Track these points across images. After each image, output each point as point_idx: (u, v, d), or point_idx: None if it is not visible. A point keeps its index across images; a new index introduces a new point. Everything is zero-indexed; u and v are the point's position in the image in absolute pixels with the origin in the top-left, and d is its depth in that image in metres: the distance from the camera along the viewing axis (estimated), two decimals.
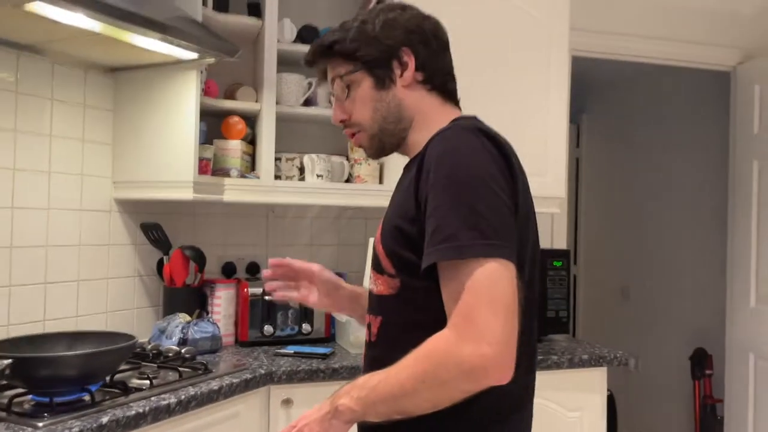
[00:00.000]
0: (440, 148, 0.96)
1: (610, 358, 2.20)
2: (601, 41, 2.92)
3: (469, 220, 0.89)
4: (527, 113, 2.37)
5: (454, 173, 0.93)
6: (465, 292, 0.88)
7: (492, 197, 0.91)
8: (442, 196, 0.92)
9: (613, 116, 4.65)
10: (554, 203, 2.45)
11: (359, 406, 0.95)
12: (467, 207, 0.90)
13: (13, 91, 1.81)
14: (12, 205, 1.81)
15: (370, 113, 1.10)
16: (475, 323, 0.86)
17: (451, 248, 0.89)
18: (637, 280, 4.32)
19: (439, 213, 0.91)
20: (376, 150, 1.15)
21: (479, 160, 0.94)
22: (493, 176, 0.93)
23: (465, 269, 0.88)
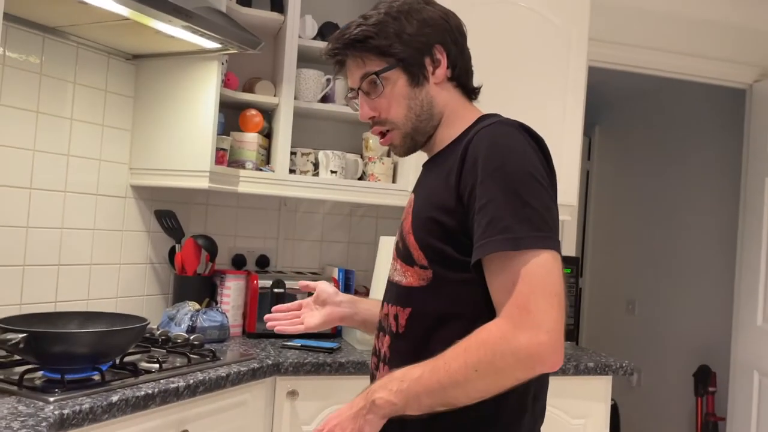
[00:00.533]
0: (488, 142, 0.97)
1: (616, 368, 2.20)
2: (618, 52, 2.93)
3: (522, 212, 0.91)
4: (543, 119, 2.37)
5: (503, 167, 0.94)
6: (520, 282, 0.89)
7: (540, 191, 0.94)
8: (493, 189, 0.93)
9: (625, 130, 4.65)
10: (566, 211, 2.45)
11: (400, 399, 0.94)
12: (519, 200, 0.92)
13: (38, 73, 1.83)
14: (30, 186, 1.83)
15: (404, 111, 1.09)
16: (531, 312, 0.87)
17: (506, 240, 0.90)
18: (644, 294, 4.31)
19: (492, 206, 0.92)
20: (407, 148, 1.15)
21: (526, 155, 0.96)
22: (539, 171, 0.96)
23: (519, 260, 0.90)
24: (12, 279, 1.79)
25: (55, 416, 1.22)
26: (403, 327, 1.06)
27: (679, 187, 4.06)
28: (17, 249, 1.80)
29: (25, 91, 1.80)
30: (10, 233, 1.78)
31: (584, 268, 4.88)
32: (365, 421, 0.97)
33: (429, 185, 1.09)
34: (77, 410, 1.26)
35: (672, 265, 4.06)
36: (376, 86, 1.10)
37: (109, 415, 1.33)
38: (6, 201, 1.76)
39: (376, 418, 0.97)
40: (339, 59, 1.14)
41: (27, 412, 1.23)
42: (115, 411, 1.35)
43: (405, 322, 1.06)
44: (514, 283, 0.89)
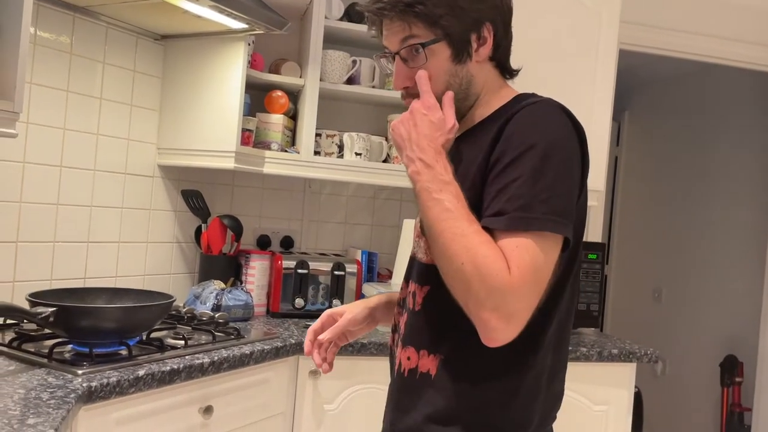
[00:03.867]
0: (528, 120, 0.96)
1: (640, 355, 2.18)
2: (650, 35, 2.87)
3: (541, 195, 0.90)
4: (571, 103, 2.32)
5: (539, 145, 0.92)
6: (528, 255, 0.88)
7: (567, 176, 0.93)
8: (523, 165, 0.91)
9: (656, 116, 4.56)
10: (593, 196, 2.40)
11: (435, 185, 0.94)
12: (544, 181, 0.90)
13: (68, 53, 1.86)
14: (60, 164, 1.87)
15: (443, 87, 1.03)
16: (520, 291, 0.87)
17: (521, 219, 0.89)
18: (671, 282, 4.25)
19: (518, 182, 0.91)
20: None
21: (565, 138, 0.95)
22: (573, 156, 0.95)
23: (529, 236, 0.89)
24: (43, 255, 1.83)
25: (83, 388, 1.25)
26: (420, 305, 1.05)
27: (709, 174, 3.98)
28: (48, 226, 1.84)
29: (56, 71, 1.83)
30: (42, 210, 1.82)
31: (610, 254, 4.82)
32: (432, 147, 0.97)
33: (459, 160, 1.04)
34: (105, 383, 1.29)
35: (700, 254, 3.99)
36: (417, 55, 1.03)
37: (135, 388, 1.36)
38: (38, 179, 1.80)
39: (432, 156, 0.96)
40: (384, 19, 1.04)
41: (56, 384, 1.26)
42: (141, 385, 1.37)
43: (422, 300, 1.04)
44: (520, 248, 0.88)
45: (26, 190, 1.77)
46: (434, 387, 1.01)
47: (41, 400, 1.16)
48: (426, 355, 1.03)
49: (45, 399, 1.17)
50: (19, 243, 1.77)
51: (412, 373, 1.05)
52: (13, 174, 1.74)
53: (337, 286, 2.27)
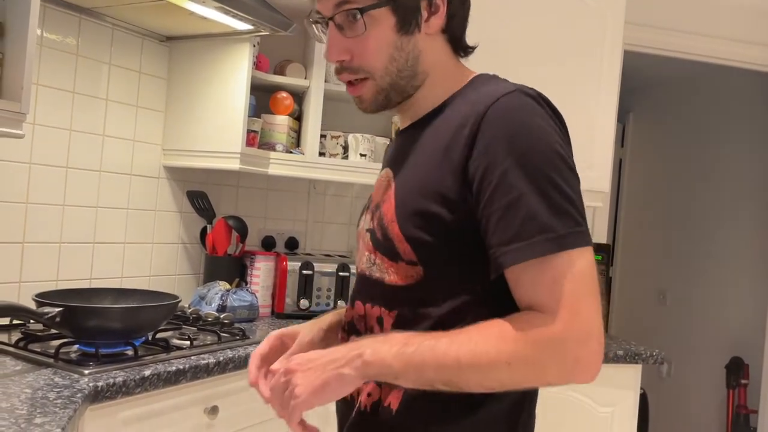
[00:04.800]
0: (508, 119, 0.81)
1: (646, 356, 2.17)
2: (655, 36, 2.86)
3: (560, 206, 0.78)
4: (575, 103, 2.34)
5: (531, 151, 0.79)
6: (566, 282, 0.76)
7: (571, 176, 0.81)
8: (522, 180, 0.78)
9: (661, 117, 4.55)
10: (598, 197, 2.42)
11: (399, 363, 0.78)
12: (554, 190, 0.78)
13: (74, 54, 1.86)
14: (67, 165, 1.87)
15: (385, 61, 0.89)
16: (581, 315, 0.76)
17: (548, 241, 0.77)
18: (676, 284, 4.23)
19: (524, 201, 0.77)
20: (378, 105, 0.94)
21: (552, 135, 0.82)
22: (567, 152, 0.83)
23: (563, 259, 0.77)
24: (49, 256, 1.83)
25: (89, 388, 1.25)
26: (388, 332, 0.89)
27: (714, 176, 3.97)
28: (54, 226, 1.84)
29: (62, 72, 1.84)
30: (48, 211, 1.82)
31: (615, 256, 4.81)
32: (338, 375, 0.79)
33: (416, 162, 0.90)
34: (111, 383, 1.30)
35: (705, 255, 3.98)
36: (355, 23, 0.88)
37: (141, 388, 1.36)
38: (44, 179, 1.80)
39: (354, 375, 0.79)
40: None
41: (63, 384, 1.26)
42: (147, 385, 1.38)
43: (391, 327, 0.89)
44: (556, 281, 0.77)
45: (32, 190, 1.78)
46: (397, 424, 0.88)
47: (48, 399, 1.17)
48: (390, 389, 0.89)
49: (52, 399, 1.17)
50: (26, 243, 1.77)
51: (375, 408, 0.90)
52: (20, 175, 1.75)
53: (342, 287, 2.27)
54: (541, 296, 0.78)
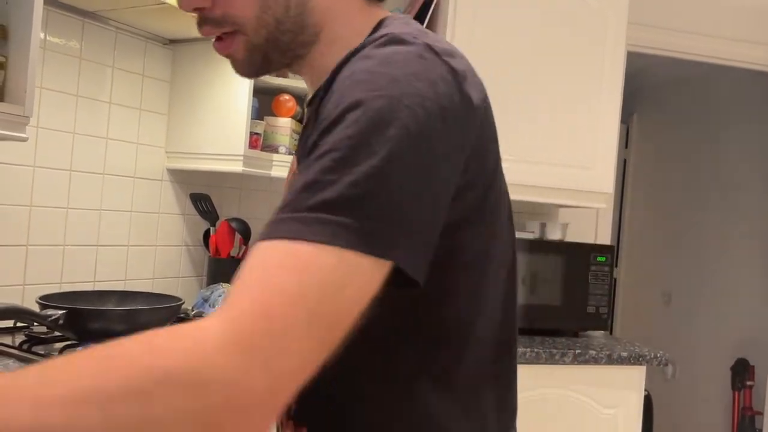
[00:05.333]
0: (360, 67, 0.57)
1: (650, 358, 2.17)
2: (658, 37, 2.86)
3: (358, 185, 0.50)
4: (578, 104, 2.34)
5: (367, 103, 0.53)
6: (255, 290, 0.48)
7: (415, 158, 0.53)
8: (335, 136, 0.53)
9: (665, 118, 4.54)
10: (601, 198, 2.41)
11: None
12: (364, 161, 0.51)
13: (77, 57, 1.87)
14: (70, 168, 1.88)
15: (256, 10, 0.65)
16: (271, 337, 0.46)
17: (281, 222, 0.51)
18: (680, 285, 4.22)
19: (321, 162, 0.52)
20: (255, 68, 0.71)
21: (424, 94, 0.54)
22: (437, 124, 0.55)
23: (297, 253, 0.49)
24: (53, 258, 1.84)
25: None
26: None
27: (719, 176, 3.96)
28: (58, 229, 1.85)
29: (66, 75, 1.84)
30: (52, 214, 1.83)
31: (619, 257, 4.80)
32: None
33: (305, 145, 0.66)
34: None
35: (709, 256, 3.97)
36: None
37: None
38: (47, 182, 1.81)
39: None
40: None
41: None
42: None
43: None
44: (242, 279, 0.49)
45: (36, 193, 1.79)
46: None
47: None
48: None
49: None
50: (30, 246, 1.78)
51: None
52: (24, 178, 1.76)
53: None
54: (234, 289, 0.50)
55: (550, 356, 2.05)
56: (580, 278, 2.33)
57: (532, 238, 2.41)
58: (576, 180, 2.35)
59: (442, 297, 0.64)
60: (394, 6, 2.43)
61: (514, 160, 2.29)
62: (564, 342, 2.21)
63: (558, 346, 2.13)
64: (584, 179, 2.36)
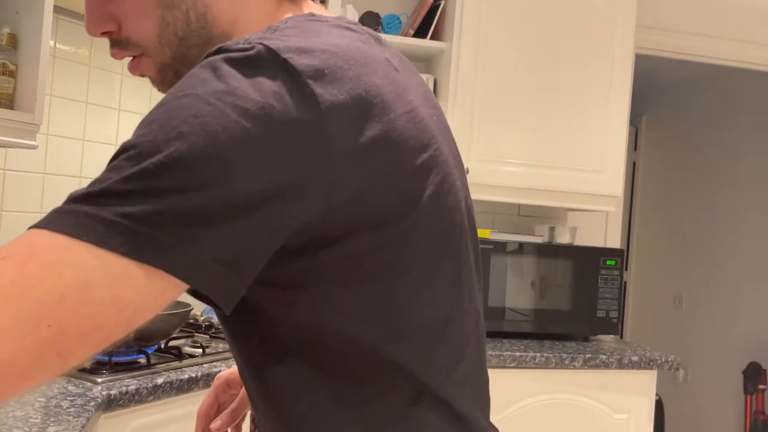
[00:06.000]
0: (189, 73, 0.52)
1: (661, 362, 2.15)
2: (666, 39, 2.85)
3: (130, 183, 0.46)
4: (587, 107, 2.33)
5: (171, 107, 0.49)
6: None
7: (214, 163, 0.46)
8: (134, 135, 0.49)
9: (674, 121, 4.52)
10: (610, 201, 2.40)
11: None
12: (149, 161, 0.46)
13: (87, 65, 1.88)
14: (80, 175, 1.89)
15: (155, 28, 0.61)
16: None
17: (55, 212, 0.46)
18: (692, 289, 4.19)
19: (109, 164, 0.49)
20: (171, 84, 0.62)
21: (236, 93, 0.48)
22: (251, 127, 0.47)
23: (34, 242, 0.44)
24: None
25: (102, 396, 1.26)
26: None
27: (728, 178, 3.93)
28: None
29: (75, 82, 1.86)
30: None
31: (629, 260, 4.78)
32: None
33: None
34: (124, 391, 1.30)
35: (721, 259, 3.94)
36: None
37: (153, 396, 1.37)
38: (58, 189, 1.82)
39: None
40: None
41: (76, 392, 1.27)
42: (160, 393, 1.38)
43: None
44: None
45: (46, 200, 1.80)
46: None
47: (62, 408, 1.17)
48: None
49: (65, 407, 1.18)
50: None
51: None
52: (34, 185, 1.77)
53: None
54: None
55: (560, 361, 2.04)
56: (590, 282, 2.32)
57: (541, 242, 2.40)
58: (585, 183, 2.34)
59: (327, 316, 0.56)
60: (401, 11, 2.44)
61: (522, 163, 2.28)
62: (574, 346, 2.19)
63: (568, 350, 2.11)
64: (593, 182, 2.35)
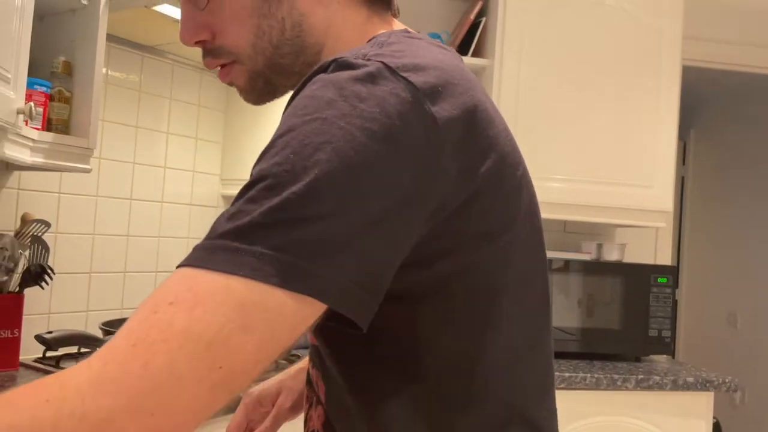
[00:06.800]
0: (303, 93, 0.52)
1: (718, 383, 2.07)
2: (714, 50, 2.78)
3: (274, 214, 0.46)
4: (635, 123, 2.29)
5: (299, 133, 0.48)
6: (153, 316, 0.43)
7: (350, 186, 0.47)
8: (262, 163, 0.50)
9: (724, 133, 4.40)
10: (660, 217, 2.34)
11: None
12: (287, 192, 0.46)
13: (137, 90, 1.94)
14: (131, 197, 1.94)
15: (250, 36, 0.63)
16: (101, 392, 0.41)
17: (196, 252, 0.46)
18: (746, 305, 4.04)
19: (243, 196, 0.48)
20: (261, 94, 0.68)
21: (363, 115, 0.49)
22: (381, 148, 0.48)
23: (188, 281, 0.45)
24: (114, 284, 1.89)
25: None
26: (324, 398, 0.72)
27: None
28: (119, 256, 1.91)
29: (126, 108, 1.91)
30: (114, 241, 1.89)
31: (680, 277, 4.64)
32: None
33: None
34: None
35: None
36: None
37: None
38: (109, 211, 1.87)
39: None
40: None
41: None
42: None
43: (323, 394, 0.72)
44: (151, 307, 0.44)
45: (99, 222, 1.85)
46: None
47: None
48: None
49: None
50: (93, 274, 1.84)
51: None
52: (87, 207, 1.82)
53: None
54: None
55: (612, 382, 1.98)
56: (641, 300, 2.25)
57: (589, 259, 2.35)
58: (634, 199, 2.29)
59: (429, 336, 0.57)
60: (442, 29, 2.44)
61: (568, 179, 2.24)
62: (625, 367, 2.13)
63: (619, 371, 2.05)
64: (642, 198, 2.29)
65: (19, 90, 1.21)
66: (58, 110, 1.46)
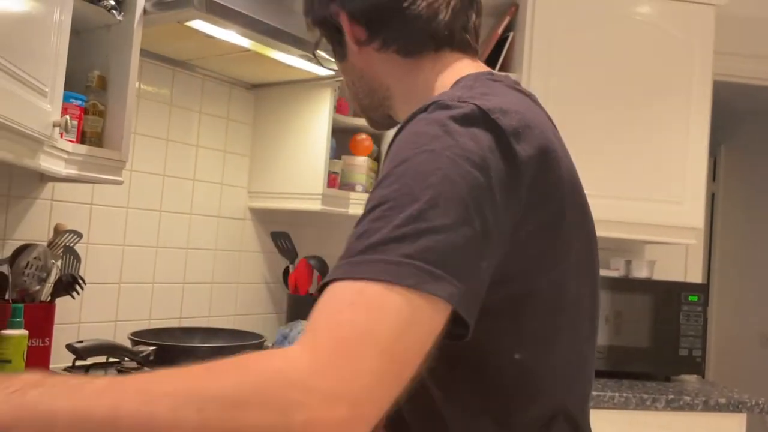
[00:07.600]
0: (410, 129, 0.64)
1: (751, 405, 2.01)
2: (746, 65, 2.74)
3: (401, 229, 0.55)
4: (665, 138, 2.26)
5: (413, 163, 0.60)
6: (345, 317, 0.52)
7: (455, 205, 0.57)
8: (384, 188, 0.60)
9: (755, 148, 4.32)
10: (690, 234, 2.30)
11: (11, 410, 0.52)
12: (409, 209, 0.56)
13: (168, 104, 1.97)
14: (160, 209, 1.96)
15: (350, 88, 0.91)
16: (342, 362, 0.50)
17: (348, 264, 0.55)
18: None
19: (372, 213, 0.59)
20: (374, 125, 0.94)
21: (464, 147, 0.60)
22: (475, 175, 0.59)
23: (350, 290, 0.54)
24: (143, 295, 1.91)
25: None
26: None
27: None
28: (148, 268, 1.93)
29: (157, 121, 1.94)
30: (143, 252, 1.91)
31: (711, 296, 4.54)
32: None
33: None
34: None
35: None
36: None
37: None
38: (139, 223, 1.90)
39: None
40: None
41: None
42: None
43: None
44: (330, 311, 0.53)
45: (129, 233, 1.88)
46: None
47: None
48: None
49: None
50: (122, 284, 1.86)
51: None
52: (118, 218, 1.85)
53: None
54: (311, 323, 0.54)
55: (641, 402, 1.94)
56: (671, 319, 2.21)
57: (617, 276, 2.31)
58: (663, 215, 2.25)
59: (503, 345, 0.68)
60: None
61: (597, 195, 2.21)
62: (655, 387, 2.09)
63: (649, 390, 2.01)
64: (672, 214, 2.26)
65: (55, 103, 1.24)
66: (92, 123, 1.49)
